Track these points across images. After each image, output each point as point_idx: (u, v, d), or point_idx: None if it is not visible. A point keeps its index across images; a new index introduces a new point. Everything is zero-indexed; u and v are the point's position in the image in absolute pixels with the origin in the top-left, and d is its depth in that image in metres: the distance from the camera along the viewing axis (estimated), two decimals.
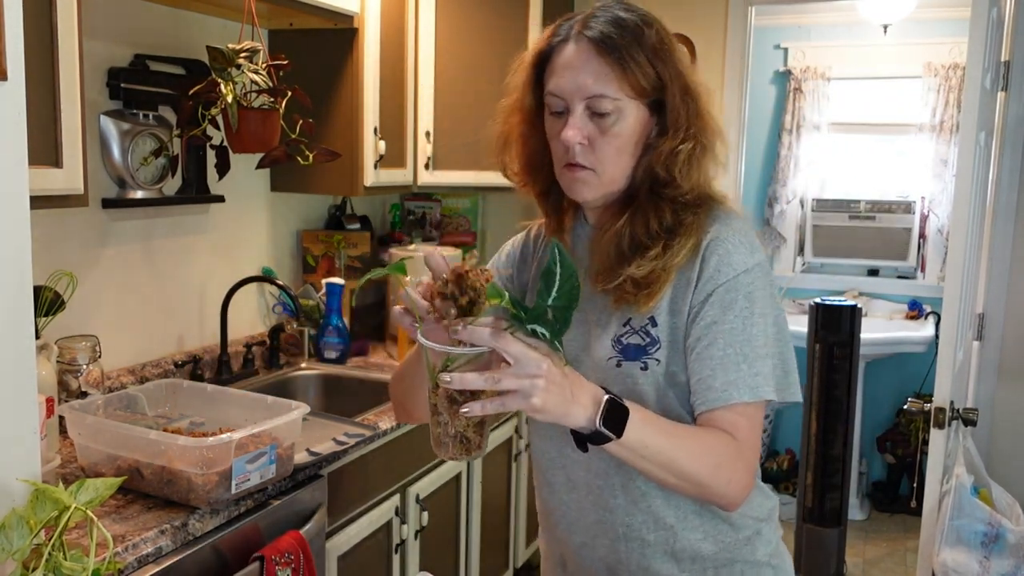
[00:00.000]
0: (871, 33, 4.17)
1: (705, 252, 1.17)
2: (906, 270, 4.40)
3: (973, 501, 2.26)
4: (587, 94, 1.15)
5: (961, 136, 2.11)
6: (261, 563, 1.63)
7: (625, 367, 1.19)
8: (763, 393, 1.14)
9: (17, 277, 1.08)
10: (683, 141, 1.17)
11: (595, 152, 1.17)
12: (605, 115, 1.15)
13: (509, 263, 1.40)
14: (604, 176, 1.19)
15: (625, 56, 1.13)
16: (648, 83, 1.15)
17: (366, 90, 2.57)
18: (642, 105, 1.17)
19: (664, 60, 1.16)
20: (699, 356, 1.15)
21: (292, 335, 2.74)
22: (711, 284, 1.16)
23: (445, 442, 1.03)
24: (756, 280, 1.16)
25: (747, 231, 1.21)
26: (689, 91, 1.18)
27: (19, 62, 1.06)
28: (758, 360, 1.14)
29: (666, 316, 1.18)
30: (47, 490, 0.95)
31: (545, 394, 0.98)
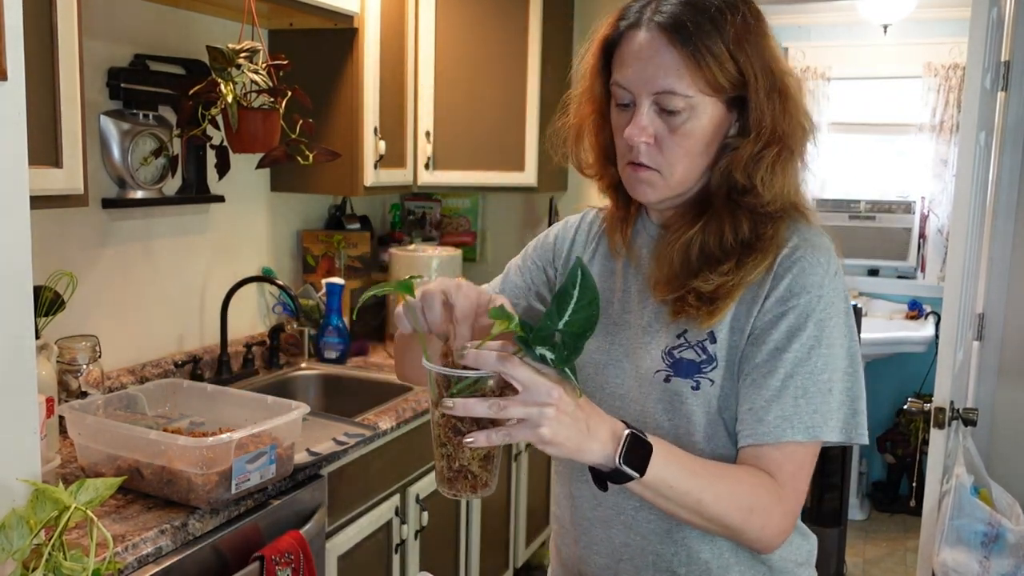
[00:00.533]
0: (871, 33, 4.17)
1: (778, 268, 1.05)
2: (906, 270, 4.40)
3: (973, 501, 2.26)
4: (655, 89, 1.03)
5: (961, 136, 2.11)
6: (261, 563, 1.63)
7: (674, 384, 1.08)
8: (820, 433, 1.03)
9: (17, 277, 1.07)
10: (767, 145, 1.04)
11: (662, 152, 1.05)
12: (675, 112, 1.03)
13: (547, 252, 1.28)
14: (671, 178, 1.07)
15: (700, 47, 1.00)
16: (727, 79, 1.02)
17: (366, 90, 2.57)
18: (719, 102, 1.04)
19: (748, 52, 1.02)
20: (755, 383, 1.04)
21: (292, 335, 2.74)
22: (780, 305, 1.04)
23: (449, 477, 0.94)
24: (831, 306, 1.05)
25: (828, 248, 1.08)
26: (776, 87, 1.04)
27: (19, 62, 1.06)
28: (819, 396, 1.03)
29: (727, 333, 1.07)
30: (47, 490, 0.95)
31: (556, 424, 0.89)
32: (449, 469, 0.94)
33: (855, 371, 1.07)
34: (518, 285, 1.28)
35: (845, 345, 1.06)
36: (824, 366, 1.04)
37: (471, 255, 3.39)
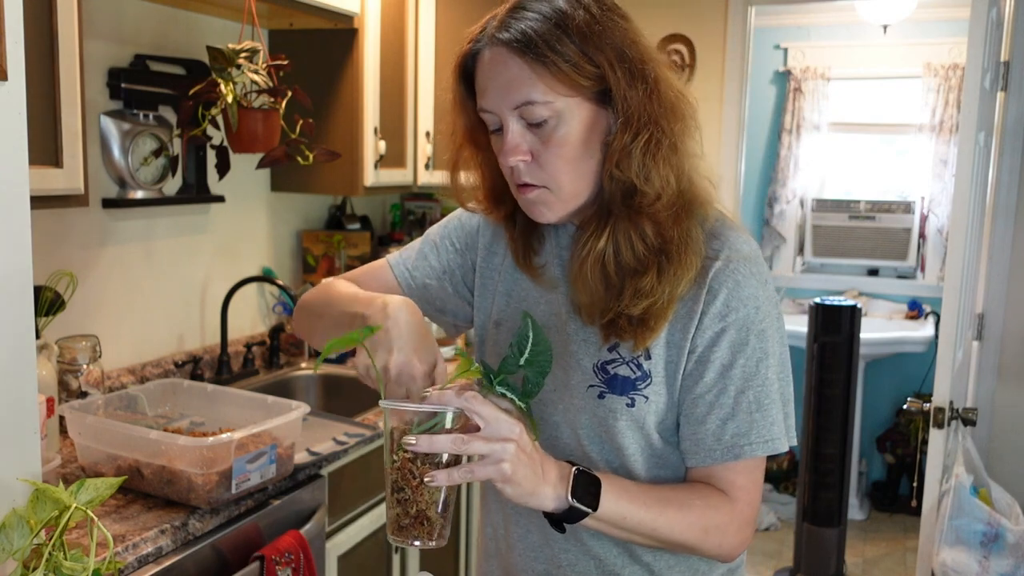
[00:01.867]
0: (871, 33, 4.17)
1: (712, 282, 1.01)
2: (906, 270, 4.40)
3: (972, 501, 2.26)
4: (514, 104, 0.98)
5: (961, 136, 2.12)
6: (261, 563, 1.63)
7: (608, 400, 1.05)
8: (778, 446, 1.03)
9: (17, 277, 1.08)
10: (637, 134, 0.98)
11: (542, 167, 1.00)
12: (542, 123, 0.98)
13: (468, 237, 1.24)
14: (561, 192, 1.01)
15: (545, 51, 0.95)
16: (583, 75, 0.96)
17: (366, 90, 2.57)
18: (585, 101, 0.98)
19: (599, 43, 0.96)
20: (708, 405, 1.03)
21: (292, 335, 2.74)
22: (719, 321, 1.01)
23: (404, 524, 0.92)
24: (768, 315, 1.03)
25: (756, 255, 1.05)
26: (639, 72, 0.97)
27: (19, 62, 1.06)
28: (772, 406, 1.03)
29: (662, 349, 1.04)
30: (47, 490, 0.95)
31: (516, 462, 0.89)
32: (405, 515, 0.92)
33: (787, 375, 1.07)
34: (433, 267, 1.24)
35: (778, 351, 1.05)
36: (774, 376, 1.03)
37: None
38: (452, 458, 0.91)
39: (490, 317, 1.20)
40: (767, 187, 4.54)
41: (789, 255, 4.56)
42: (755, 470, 1.05)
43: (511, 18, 0.99)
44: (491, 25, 1.01)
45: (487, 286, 1.21)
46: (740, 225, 1.08)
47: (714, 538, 1.02)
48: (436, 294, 1.24)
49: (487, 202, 1.14)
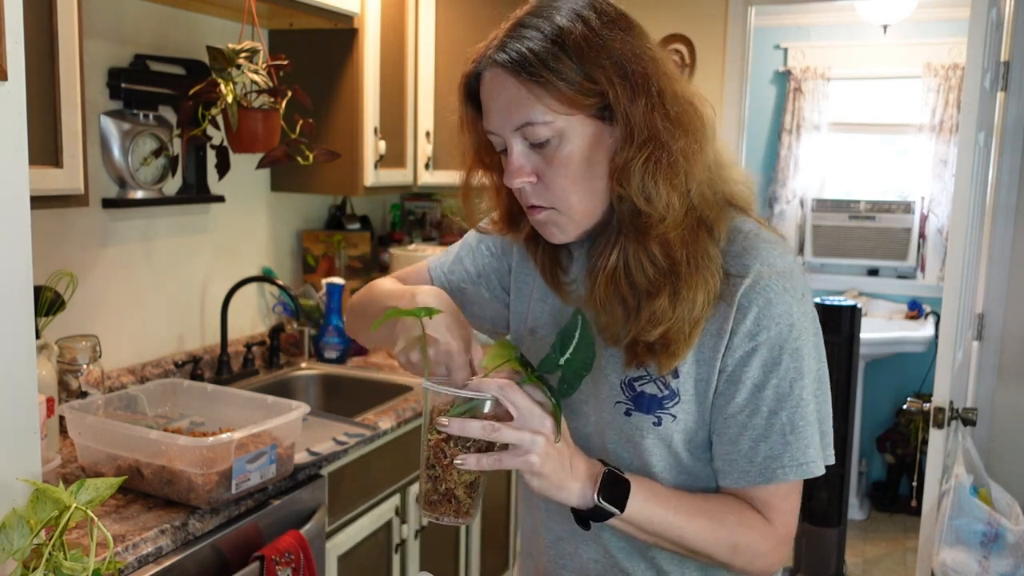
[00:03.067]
0: (871, 33, 4.17)
1: (741, 300, 0.97)
2: (906, 270, 4.40)
3: (972, 501, 2.26)
4: (514, 125, 0.96)
5: (961, 136, 2.12)
6: (261, 563, 1.63)
7: (635, 418, 1.03)
8: (813, 469, 1.00)
9: (17, 277, 1.08)
10: (638, 151, 0.94)
11: (548, 188, 0.98)
12: (545, 143, 0.96)
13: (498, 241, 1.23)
14: (571, 212, 0.99)
15: (542, 71, 0.93)
16: (582, 93, 0.94)
17: (366, 90, 2.57)
18: (587, 119, 0.95)
19: (597, 59, 0.93)
20: (740, 426, 1.00)
21: (292, 335, 2.74)
22: (750, 341, 0.98)
23: (433, 500, 0.95)
24: (803, 332, 0.99)
25: (792, 269, 1.00)
26: (639, 86, 0.94)
27: (19, 62, 1.06)
28: (807, 428, 0.99)
29: (690, 367, 1.01)
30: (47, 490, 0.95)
31: (544, 456, 0.91)
32: (435, 492, 0.95)
33: (824, 393, 1.04)
34: (468, 271, 1.24)
35: (817, 369, 1.02)
36: (809, 397, 1.00)
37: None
38: (484, 444, 0.93)
39: (525, 323, 1.19)
40: (767, 187, 4.54)
41: None
42: (791, 492, 1.02)
43: (509, 37, 0.97)
44: (492, 45, 0.99)
45: (522, 291, 1.20)
46: (776, 237, 1.04)
47: (744, 556, 1.00)
48: (472, 298, 1.24)
49: (505, 225, 1.12)
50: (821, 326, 1.04)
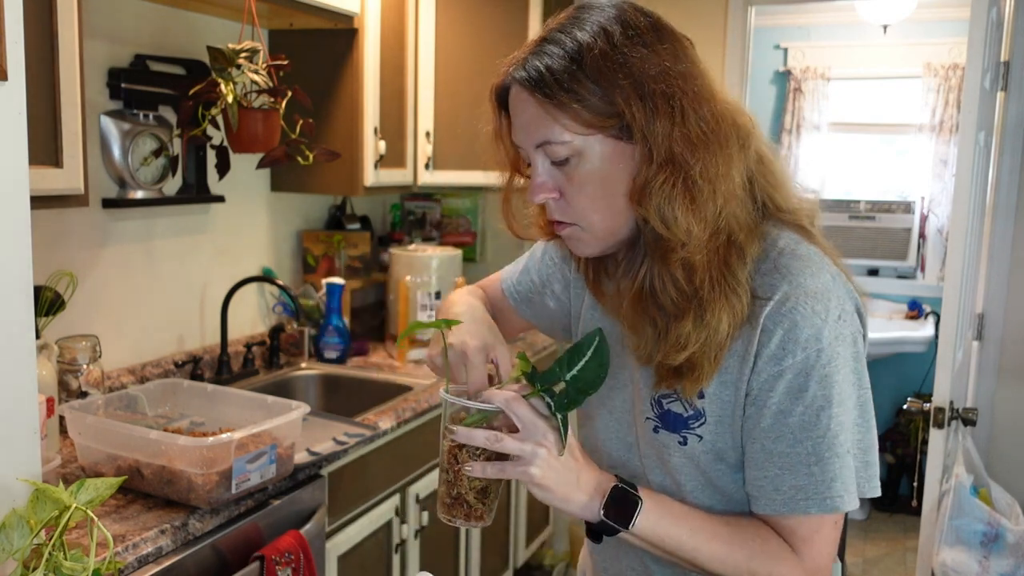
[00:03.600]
0: (871, 33, 4.17)
1: (766, 321, 0.94)
2: (906, 270, 4.41)
3: (972, 501, 2.26)
4: (535, 143, 0.96)
5: (961, 136, 2.12)
6: (261, 563, 1.63)
7: (662, 436, 1.03)
8: (840, 504, 0.95)
9: (17, 277, 1.08)
10: (657, 172, 0.91)
11: (570, 205, 0.97)
12: (564, 161, 0.95)
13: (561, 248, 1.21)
14: (594, 229, 0.98)
15: (557, 92, 0.91)
16: (599, 112, 0.91)
17: (366, 90, 2.57)
18: (607, 138, 0.93)
19: (614, 78, 0.90)
20: (764, 450, 0.97)
21: (292, 335, 2.74)
22: (775, 365, 0.94)
23: (447, 502, 1.00)
24: (835, 357, 0.94)
25: (827, 288, 0.95)
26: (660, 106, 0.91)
27: (19, 62, 1.06)
28: (835, 460, 0.94)
29: (717, 388, 0.99)
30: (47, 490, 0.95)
31: (546, 467, 0.93)
32: (448, 495, 1.00)
33: (867, 421, 0.99)
34: (533, 281, 1.25)
35: (854, 396, 0.97)
36: (838, 427, 0.95)
37: (471, 255, 3.39)
38: (492, 453, 0.97)
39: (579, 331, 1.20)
40: None
41: None
42: (822, 526, 0.97)
43: (532, 54, 0.95)
44: (518, 58, 0.97)
45: (578, 299, 1.20)
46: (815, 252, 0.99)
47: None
48: (539, 310, 1.26)
49: (548, 231, 1.08)
50: None
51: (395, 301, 2.97)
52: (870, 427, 0.99)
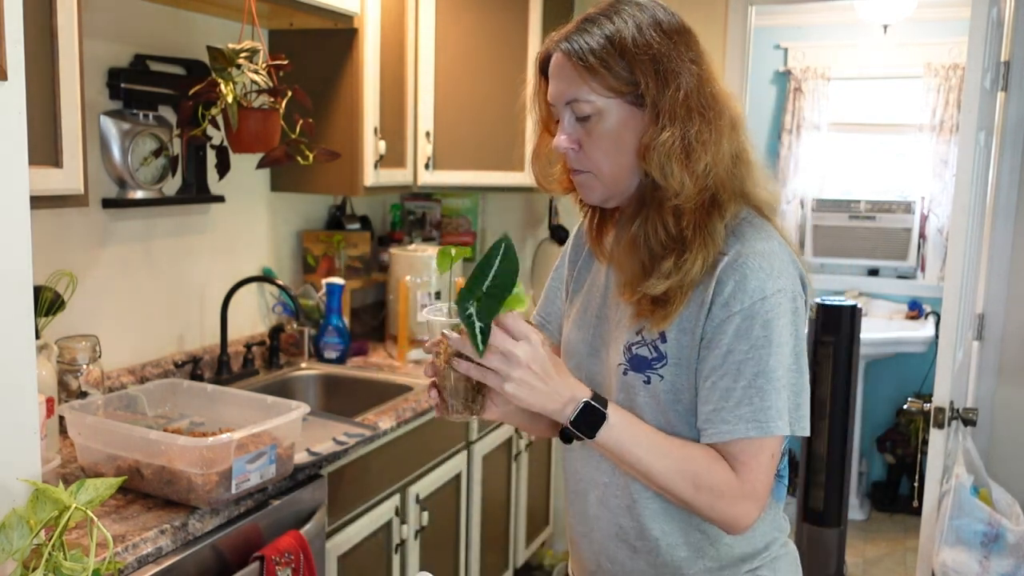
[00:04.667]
0: (871, 33, 4.17)
1: (721, 274, 1.13)
2: (906, 270, 4.40)
3: (973, 501, 2.26)
4: (566, 99, 1.17)
5: (961, 136, 2.12)
6: (261, 563, 1.63)
7: (630, 377, 1.20)
8: (773, 429, 1.11)
9: (17, 277, 1.08)
10: (659, 133, 1.12)
11: (587, 155, 1.18)
12: (587, 118, 1.16)
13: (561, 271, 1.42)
14: (604, 178, 1.18)
15: (592, 61, 1.13)
16: (621, 80, 1.13)
17: (366, 90, 2.57)
18: (624, 103, 1.14)
19: (637, 57, 1.12)
20: (712, 386, 1.13)
21: (292, 335, 2.74)
22: (725, 310, 1.12)
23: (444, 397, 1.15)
24: (775, 306, 1.11)
25: (773, 251, 1.14)
26: (670, 82, 1.12)
27: (19, 62, 1.06)
28: (772, 393, 1.11)
29: (676, 333, 1.16)
30: (47, 490, 0.95)
31: (514, 386, 1.07)
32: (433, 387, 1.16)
33: (800, 368, 1.15)
34: (551, 312, 1.42)
35: (791, 344, 1.13)
36: (775, 364, 1.11)
37: (471, 255, 3.38)
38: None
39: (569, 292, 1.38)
40: None
41: None
42: (759, 451, 1.13)
43: (576, 30, 1.16)
44: (563, 33, 1.18)
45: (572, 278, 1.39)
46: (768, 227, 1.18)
47: (705, 496, 1.12)
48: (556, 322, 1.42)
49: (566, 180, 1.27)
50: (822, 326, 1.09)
51: (395, 301, 2.97)
52: (803, 374, 1.15)
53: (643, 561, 1.24)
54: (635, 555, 1.25)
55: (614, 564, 1.27)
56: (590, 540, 1.30)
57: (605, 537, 1.27)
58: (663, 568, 1.23)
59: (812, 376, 3.22)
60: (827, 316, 3.17)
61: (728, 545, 1.22)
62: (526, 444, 3.01)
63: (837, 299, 3.29)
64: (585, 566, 1.33)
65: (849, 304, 3.18)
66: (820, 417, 3.24)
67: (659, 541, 1.22)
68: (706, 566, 1.23)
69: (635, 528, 1.23)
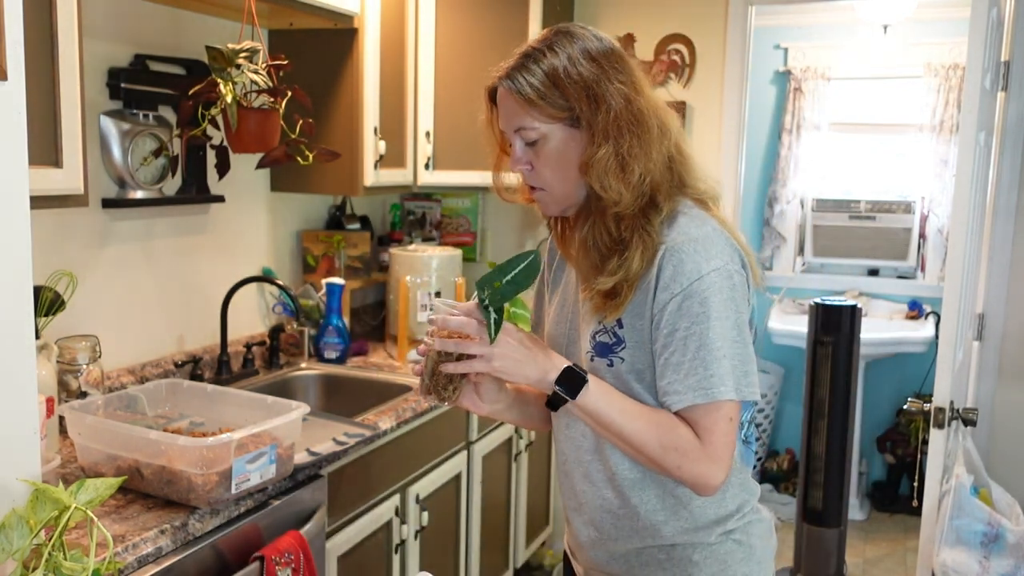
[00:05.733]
0: (871, 33, 4.17)
1: (661, 261, 1.26)
2: (906, 270, 4.40)
3: (973, 501, 2.26)
4: (513, 128, 1.30)
5: (961, 136, 2.12)
6: (261, 563, 1.63)
7: (596, 362, 1.33)
8: (717, 395, 1.23)
9: (17, 277, 1.08)
10: (596, 151, 1.25)
11: (539, 174, 1.31)
12: (534, 142, 1.29)
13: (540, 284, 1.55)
14: (556, 193, 1.32)
15: (531, 94, 1.26)
16: (559, 108, 1.26)
17: (366, 90, 2.57)
18: (564, 126, 1.27)
19: (572, 86, 1.25)
20: (664, 363, 1.26)
21: (292, 335, 2.74)
22: (667, 293, 1.25)
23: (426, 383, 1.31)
24: (712, 285, 1.24)
25: (707, 235, 1.27)
26: (602, 105, 1.25)
27: (19, 62, 1.06)
28: (714, 363, 1.23)
29: (631, 318, 1.29)
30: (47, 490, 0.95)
31: (502, 360, 1.24)
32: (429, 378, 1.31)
33: (744, 339, 1.27)
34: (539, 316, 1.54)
35: (731, 317, 1.25)
36: (716, 336, 1.23)
37: (471, 255, 3.39)
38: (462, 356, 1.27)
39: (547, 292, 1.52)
40: (767, 187, 4.53)
41: (789, 255, 4.56)
42: (714, 415, 1.25)
43: (516, 68, 1.29)
44: (505, 68, 1.30)
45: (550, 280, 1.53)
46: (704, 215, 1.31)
47: (672, 457, 1.25)
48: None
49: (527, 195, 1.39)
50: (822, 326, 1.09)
51: (395, 301, 2.97)
52: (747, 344, 1.27)
53: (627, 527, 1.37)
54: (619, 521, 1.37)
55: (602, 531, 1.40)
56: (580, 513, 1.43)
57: (592, 509, 1.40)
58: (644, 531, 1.36)
59: (812, 376, 3.23)
60: (827, 316, 3.18)
61: (700, 507, 1.34)
62: (526, 444, 3.01)
63: (837, 299, 3.29)
64: (578, 537, 1.45)
65: (849, 304, 3.18)
66: (820, 417, 3.24)
67: (638, 508, 1.35)
68: (682, 527, 1.35)
69: (617, 497, 1.36)
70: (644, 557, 1.38)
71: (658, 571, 1.38)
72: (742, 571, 1.37)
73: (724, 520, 1.36)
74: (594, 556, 1.44)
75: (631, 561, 1.39)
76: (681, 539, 1.35)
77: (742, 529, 1.38)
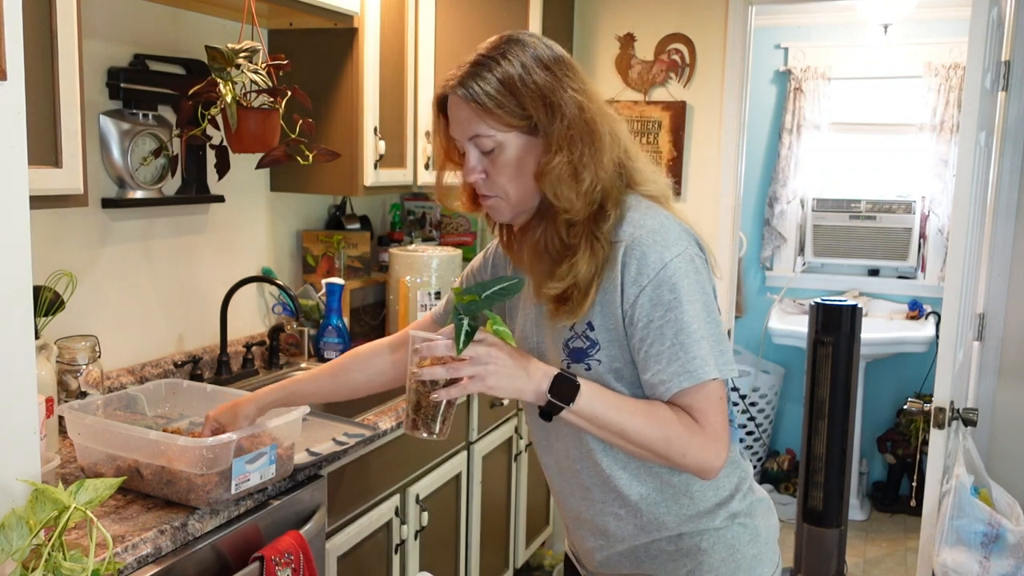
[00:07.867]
0: (871, 33, 4.17)
1: (624, 257, 1.26)
2: (906, 270, 4.40)
3: (973, 501, 2.26)
4: (468, 136, 1.29)
5: (961, 136, 2.12)
6: (261, 563, 1.63)
7: (573, 369, 1.32)
8: (703, 375, 1.24)
9: (17, 277, 1.08)
10: (552, 159, 1.25)
11: (494, 182, 1.31)
12: (490, 150, 1.29)
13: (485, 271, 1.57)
14: (511, 200, 1.32)
15: (486, 101, 1.26)
16: (515, 115, 1.26)
17: (366, 90, 2.57)
18: (520, 134, 1.27)
19: (527, 94, 1.25)
20: (645, 356, 1.26)
21: (292, 335, 2.74)
22: (635, 288, 1.25)
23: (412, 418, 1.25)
24: (677, 270, 1.25)
25: (662, 224, 1.28)
26: (556, 112, 1.25)
27: (19, 62, 1.06)
28: (694, 345, 1.24)
29: (601, 319, 1.29)
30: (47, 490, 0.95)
31: (496, 377, 1.21)
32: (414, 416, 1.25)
33: (714, 319, 1.28)
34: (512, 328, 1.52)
35: (700, 299, 1.26)
36: (690, 319, 1.24)
37: (471, 255, 3.39)
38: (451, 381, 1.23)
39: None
40: (767, 187, 4.53)
41: (789, 255, 4.56)
42: (705, 396, 1.25)
43: (469, 75, 1.27)
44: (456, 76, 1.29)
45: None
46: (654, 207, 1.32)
47: (676, 446, 1.24)
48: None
49: (470, 203, 1.41)
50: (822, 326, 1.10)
51: (395, 301, 2.97)
52: (718, 324, 1.28)
53: (631, 526, 1.37)
54: (622, 522, 1.38)
55: (607, 536, 1.40)
56: (580, 521, 1.43)
57: (593, 515, 1.40)
58: (649, 526, 1.36)
59: (812, 376, 3.23)
60: (827, 316, 3.17)
61: (700, 490, 1.35)
62: (526, 444, 3.01)
63: (837, 299, 3.29)
64: (581, 544, 1.46)
65: (849, 304, 3.18)
66: (820, 417, 3.24)
67: (638, 504, 1.35)
68: (685, 514, 1.35)
69: (615, 499, 1.37)
70: (653, 550, 1.38)
71: (668, 563, 1.38)
72: (751, 552, 1.38)
73: (726, 502, 1.37)
74: (602, 560, 1.44)
75: (640, 556, 1.40)
76: (687, 527, 1.36)
77: (746, 511, 1.39)
